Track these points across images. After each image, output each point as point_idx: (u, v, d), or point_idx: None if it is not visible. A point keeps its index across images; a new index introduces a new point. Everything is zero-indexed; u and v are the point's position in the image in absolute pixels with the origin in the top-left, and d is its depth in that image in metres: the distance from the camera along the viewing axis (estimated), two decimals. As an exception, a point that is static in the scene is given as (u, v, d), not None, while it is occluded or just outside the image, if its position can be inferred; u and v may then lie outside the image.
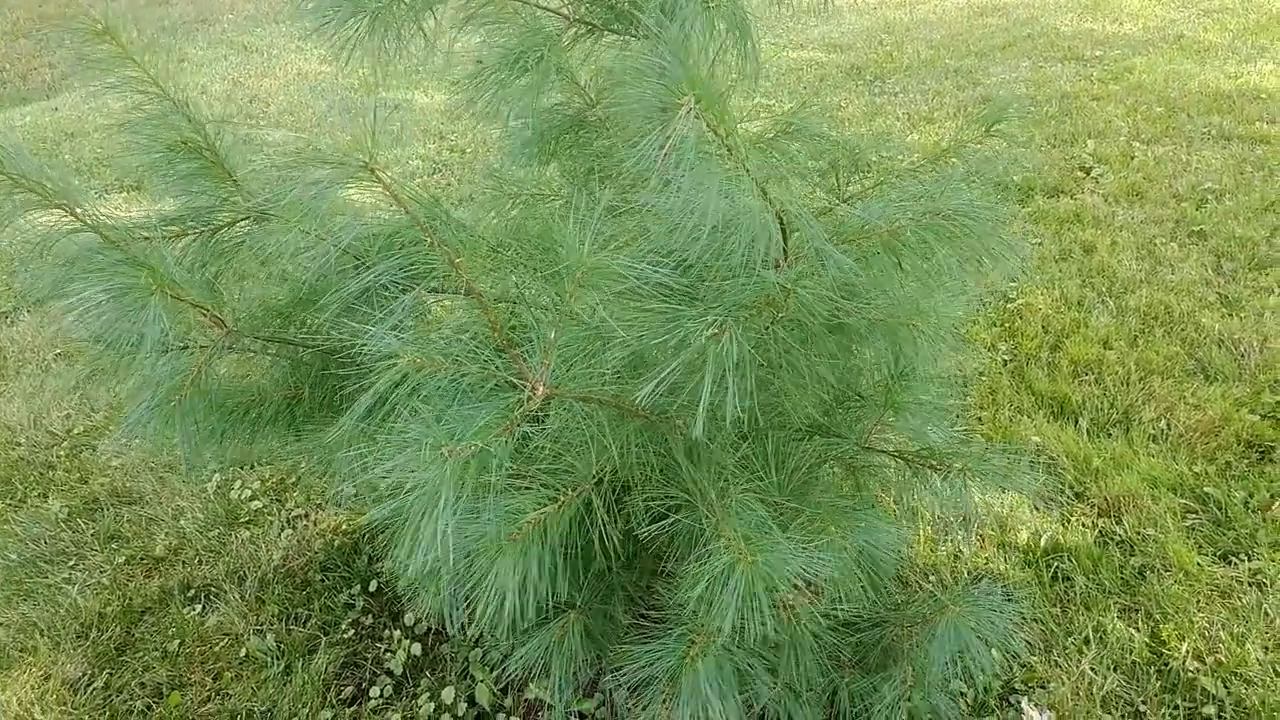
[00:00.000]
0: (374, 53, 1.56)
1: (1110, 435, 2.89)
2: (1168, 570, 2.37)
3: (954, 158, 1.60)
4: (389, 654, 2.35)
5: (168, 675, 2.35)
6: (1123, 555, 2.44)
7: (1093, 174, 4.75)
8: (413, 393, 1.15)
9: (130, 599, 2.59)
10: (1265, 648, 2.15)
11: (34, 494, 3.08)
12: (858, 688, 1.87)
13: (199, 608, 2.55)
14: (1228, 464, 2.71)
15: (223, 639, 2.43)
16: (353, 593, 2.54)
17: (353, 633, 2.43)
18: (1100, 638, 2.21)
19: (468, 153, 6.09)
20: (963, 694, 2.08)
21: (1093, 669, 2.14)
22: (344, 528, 2.79)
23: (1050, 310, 3.58)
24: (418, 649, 2.34)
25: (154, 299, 1.36)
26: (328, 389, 1.75)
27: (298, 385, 1.79)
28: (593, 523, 1.43)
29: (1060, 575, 2.40)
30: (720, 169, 0.99)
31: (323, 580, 2.60)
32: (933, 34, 7.96)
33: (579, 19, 1.68)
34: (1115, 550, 2.45)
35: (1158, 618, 2.25)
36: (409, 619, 2.43)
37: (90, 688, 2.32)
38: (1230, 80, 5.88)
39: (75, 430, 3.41)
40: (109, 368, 1.58)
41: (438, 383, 1.17)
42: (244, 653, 2.38)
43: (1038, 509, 2.61)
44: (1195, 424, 2.86)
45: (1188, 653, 2.15)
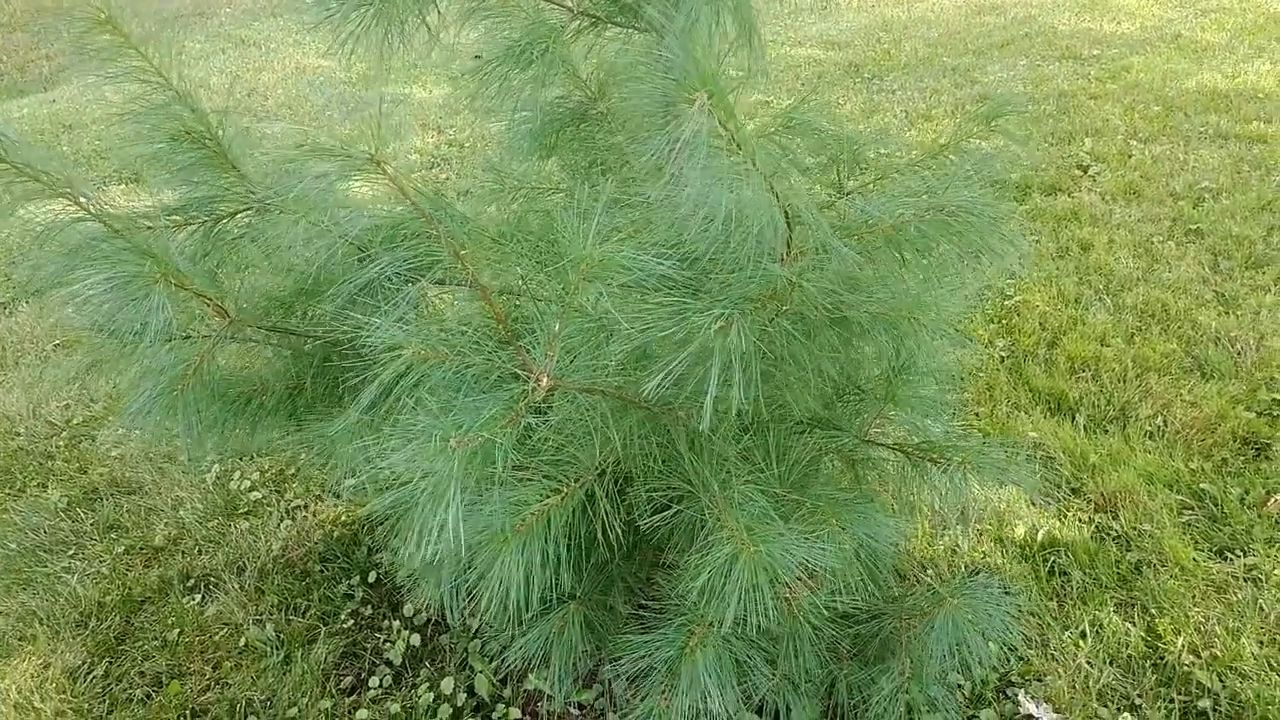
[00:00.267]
0: (377, 46, 1.57)
1: (1107, 431, 2.91)
2: (1164, 565, 2.38)
3: (952, 154, 1.60)
4: (388, 644, 2.36)
5: (167, 664, 2.35)
6: (1119, 550, 2.45)
7: (1090, 172, 4.76)
8: (417, 384, 1.15)
9: (130, 588, 2.59)
10: (1260, 642, 2.17)
11: (33, 484, 3.09)
12: (856, 679, 1.88)
13: (198, 597, 2.56)
14: (1224, 460, 2.73)
15: (222, 628, 2.44)
16: (352, 583, 2.55)
17: (352, 623, 2.44)
18: (1096, 632, 2.23)
19: (466, 147, 6.09)
20: (960, 686, 2.10)
21: (1089, 662, 2.15)
22: (343, 519, 2.79)
23: (1048, 307, 3.59)
24: (417, 639, 2.35)
25: (158, 288, 1.37)
26: (329, 379, 1.75)
27: (299, 375, 1.79)
28: (595, 514, 1.43)
29: (1057, 570, 2.41)
30: (729, 164, 0.99)
31: (322, 571, 2.60)
32: (930, 32, 7.97)
33: (583, 11, 1.68)
34: (1112, 545, 2.47)
35: (1154, 612, 2.26)
36: (408, 610, 2.44)
37: (90, 676, 2.32)
38: (1227, 80, 5.89)
39: (74, 420, 3.41)
40: (110, 357, 1.58)
41: (442, 374, 1.17)
42: (243, 642, 2.39)
43: (1035, 504, 2.63)
44: (1192, 421, 2.88)
45: (1183, 647, 2.16)
